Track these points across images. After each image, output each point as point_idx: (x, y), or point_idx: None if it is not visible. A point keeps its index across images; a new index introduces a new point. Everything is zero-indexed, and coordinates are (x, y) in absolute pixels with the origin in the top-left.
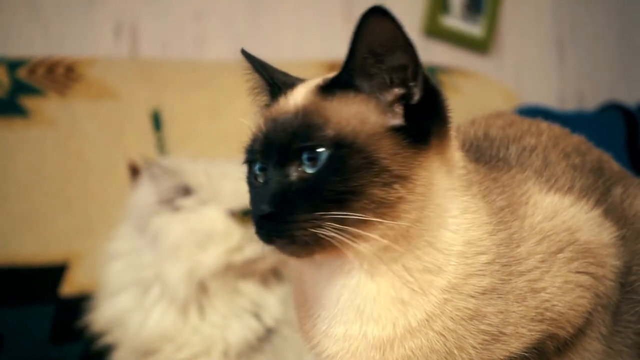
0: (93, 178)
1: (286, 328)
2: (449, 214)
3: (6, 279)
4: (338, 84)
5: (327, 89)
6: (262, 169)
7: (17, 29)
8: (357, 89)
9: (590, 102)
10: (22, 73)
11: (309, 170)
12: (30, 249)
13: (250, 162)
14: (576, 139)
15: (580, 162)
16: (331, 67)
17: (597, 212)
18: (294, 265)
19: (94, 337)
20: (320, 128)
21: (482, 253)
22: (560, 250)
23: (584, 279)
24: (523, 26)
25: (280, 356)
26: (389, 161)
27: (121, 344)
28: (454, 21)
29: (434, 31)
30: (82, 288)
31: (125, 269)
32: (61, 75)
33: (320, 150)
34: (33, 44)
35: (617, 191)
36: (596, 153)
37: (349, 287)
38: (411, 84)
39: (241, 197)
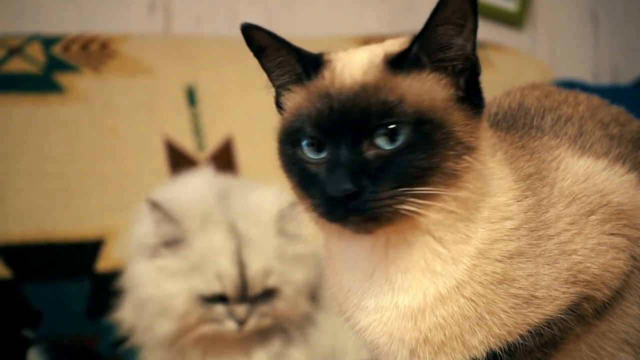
0: (127, 154)
1: (321, 314)
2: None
3: (43, 254)
4: (404, 59)
5: (395, 64)
6: (312, 145)
7: (51, 7)
8: (423, 64)
9: (625, 76)
10: (57, 50)
11: (387, 147)
12: (65, 224)
13: (296, 140)
14: (615, 110)
15: (618, 132)
16: (365, 42)
17: (632, 176)
18: (325, 242)
19: (122, 339)
20: (397, 105)
21: (508, 218)
22: (592, 212)
23: (618, 240)
24: (557, 0)
25: (314, 342)
26: (462, 133)
27: (145, 346)
28: None
29: None
30: (118, 264)
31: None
32: (96, 52)
33: (397, 127)
34: (67, 21)
35: None
36: (636, 124)
37: (383, 261)
38: (473, 57)
39: (224, 280)
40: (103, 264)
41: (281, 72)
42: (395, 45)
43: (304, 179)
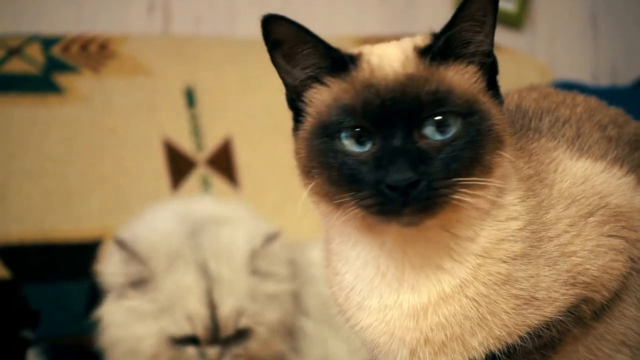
0: (127, 154)
1: (310, 323)
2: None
3: (42, 255)
4: (437, 51)
5: (434, 56)
6: (351, 138)
7: (51, 7)
8: (455, 57)
9: (625, 77)
10: (56, 50)
11: (437, 137)
12: (65, 225)
13: (335, 132)
14: (613, 112)
15: (616, 134)
16: (364, 42)
17: (630, 178)
18: (327, 242)
19: None
20: (448, 96)
21: (514, 219)
22: (591, 214)
23: (617, 242)
24: (556, 1)
25: (305, 355)
26: (499, 127)
27: None
28: None
29: None
30: None
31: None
32: (95, 52)
33: (445, 118)
34: (66, 22)
35: None
36: (634, 126)
37: (399, 259)
38: (492, 53)
39: (194, 321)
40: None
41: (304, 65)
42: (417, 41)
43: (344, 173)
